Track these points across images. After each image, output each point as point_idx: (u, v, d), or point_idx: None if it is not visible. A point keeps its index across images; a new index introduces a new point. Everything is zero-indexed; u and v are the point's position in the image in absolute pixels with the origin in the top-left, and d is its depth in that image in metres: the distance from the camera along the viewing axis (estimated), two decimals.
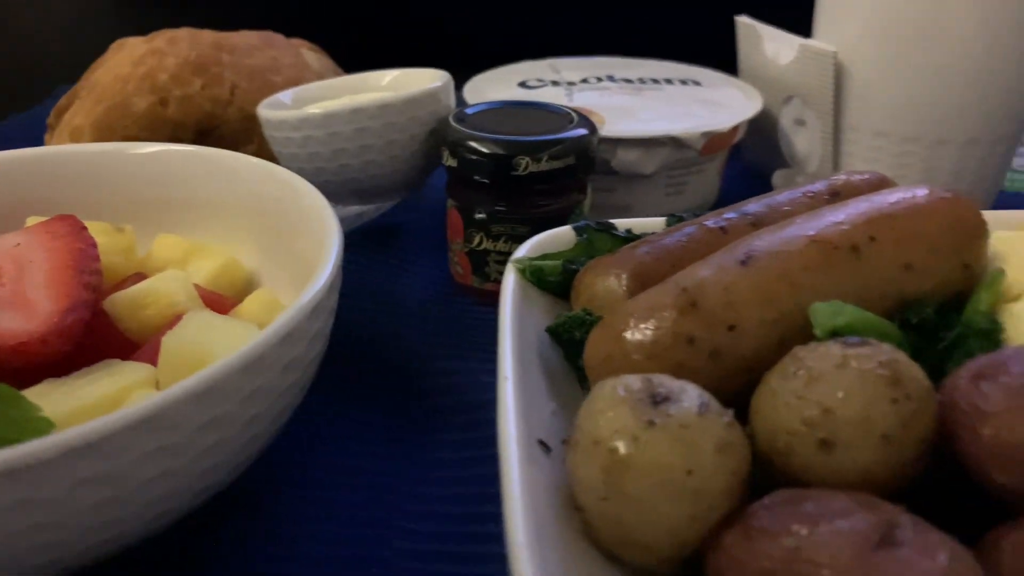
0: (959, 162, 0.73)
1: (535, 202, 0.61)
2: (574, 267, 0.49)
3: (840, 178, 0.49)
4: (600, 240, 0.52)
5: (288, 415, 0.44)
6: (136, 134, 0.66)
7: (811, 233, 0.41)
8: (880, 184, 0.49)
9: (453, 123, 0.62)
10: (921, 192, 0.43)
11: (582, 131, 0.61)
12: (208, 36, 0.71)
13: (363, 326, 0.63)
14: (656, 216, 0.55)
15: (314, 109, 0.63)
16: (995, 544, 0.31)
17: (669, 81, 0.83)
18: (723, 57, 0.91)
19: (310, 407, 0.52)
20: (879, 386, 0.33)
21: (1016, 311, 0.41)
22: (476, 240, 0.62)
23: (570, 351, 0.46)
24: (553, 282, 0.49)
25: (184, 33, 0.70)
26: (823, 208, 0.44)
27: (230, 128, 0.69)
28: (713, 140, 0.72)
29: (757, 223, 0.47)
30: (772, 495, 0.33)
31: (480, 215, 0.61)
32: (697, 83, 0.83)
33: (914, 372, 0.34)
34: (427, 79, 0.68)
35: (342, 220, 0.68)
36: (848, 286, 0.40)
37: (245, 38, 0.73)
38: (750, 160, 0.91)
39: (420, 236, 0.75)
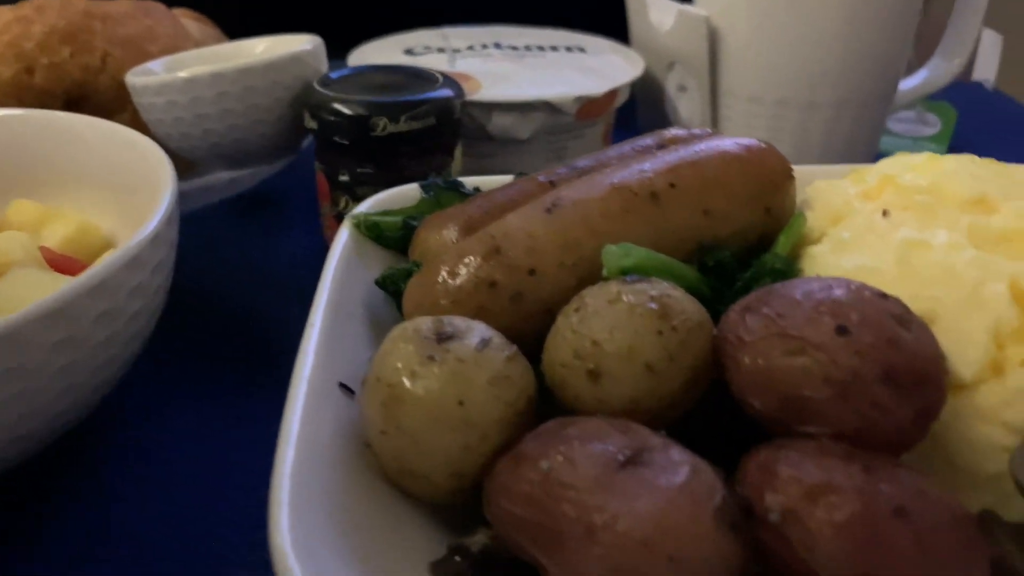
0: (830, 124, 0.75)
1: (399, 164, 0.62)
2: (414, 223, 0.50)
3: (669, 132, 0.51)
4: (448, 198, 0.53)
5: (115, 369, 0.44)
6: (1, 102, 0.65)
7: (614, 181, 0.43)
8: (708, 139, 0.50)
9: (316, 86, 0.63)
10: (727, 142, 0.45)
11: (444, 93, 0.62)
12: (80, 4, 0.70)
13: (230, 291, 0.63)
14: None
15: (182, 74, 0.63)
16: (745, 463, 0.33)
17: (554, 48, 0.84)
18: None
19: (163, 371, 0.53)
20: (646, 319, 0.35)
21: (815, 252, 0.43)
22: (342, 203, 0.63)
23: (399, 302, 0.47)
24: (394, 238, 0.50)
25: (55, 1, 0.70)
26: (637, 158, 0.45)
27: (102, 97, 0.69)
28: (587, 105, 0.73)
29: (584, 176, 0.48)
30: (544, 424, 0.34)
31: (344, 178, 0.62)
32: (582, 50, 0.84)
33: (685, 306, 0.36)
34: (299, 45, 0.68)
35: (213, 187, 0.69)
36: (647, 231, 0.42)
37: (119, 6, 0.72)
38: (643, 126, 0.93)
39: (298, 202, 0.75)
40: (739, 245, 0.43)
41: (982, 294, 0.36)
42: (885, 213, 0.41)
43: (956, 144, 0.90)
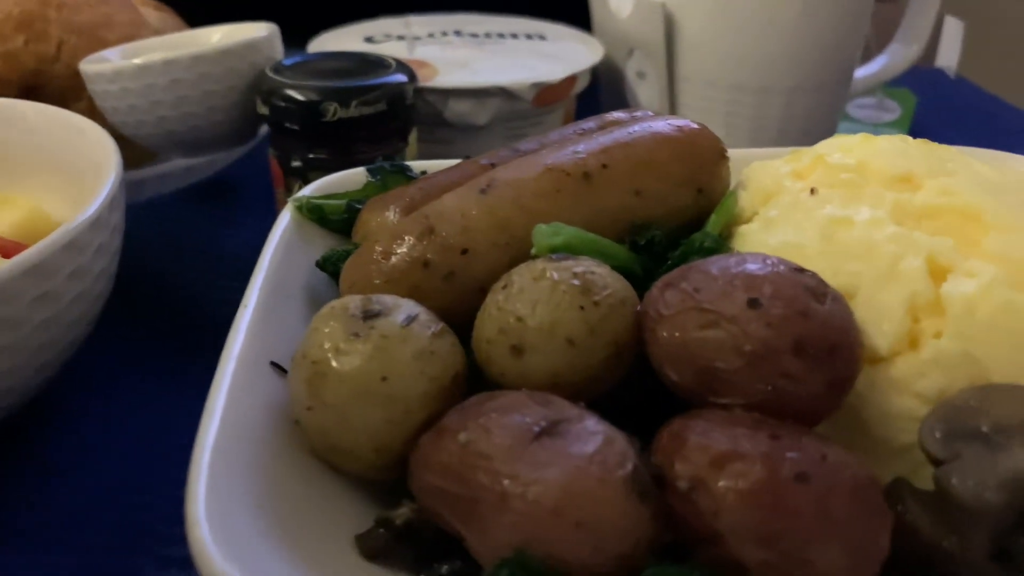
0: (786, 109, 0.76)
1: (352, 149, 0.62)
2: (359, 206, 0.51)
3: (611, 115, 0.51)
4: (394, 181, 0.54)
5: (58, 352, 0.45)
6: None
7: (548, 162, 0.43)
8: (644, 120, 0.51)
9: (268, 73, 0.63)
10: (660, 123, 0.45)
11: (396, 78, 0.63)
12: None
13: (185, 277, 0.64)
14: None
15: (135, 61, 0.63)
16: (659, 434, 0.33)
17: (514, 36, 0.84)
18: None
19: (115, 354, 0.53)
20: (568, 295, 0.35)
21: (745, 231, 0.43)
22: (296, 189, 0.63)
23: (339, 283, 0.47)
24: (338, 221, 0.51)
25: None
26: (574, 140, 0.46)
27: (58, 85, 0.69)
28: (544, 91, 0.73)
29: (523, 158, 0.49)
30: (470, 398, 0.35)
31: (296, 163, 0.62)
32: (542, 37, 0.84)
33: (608, 282, 0.36)
34: (254, 32, 0.68)
35: (171, 175, 0.69)
36: (579, 211, 0.42)
37: None
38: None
39: (256, 190, 0.75)
40: (672, 224, 0.44)
41: (900, 269, 0.37)
42: (812, 191, 0.42)
43: (916, 130, 0.91)
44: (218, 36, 0.73)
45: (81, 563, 0.40)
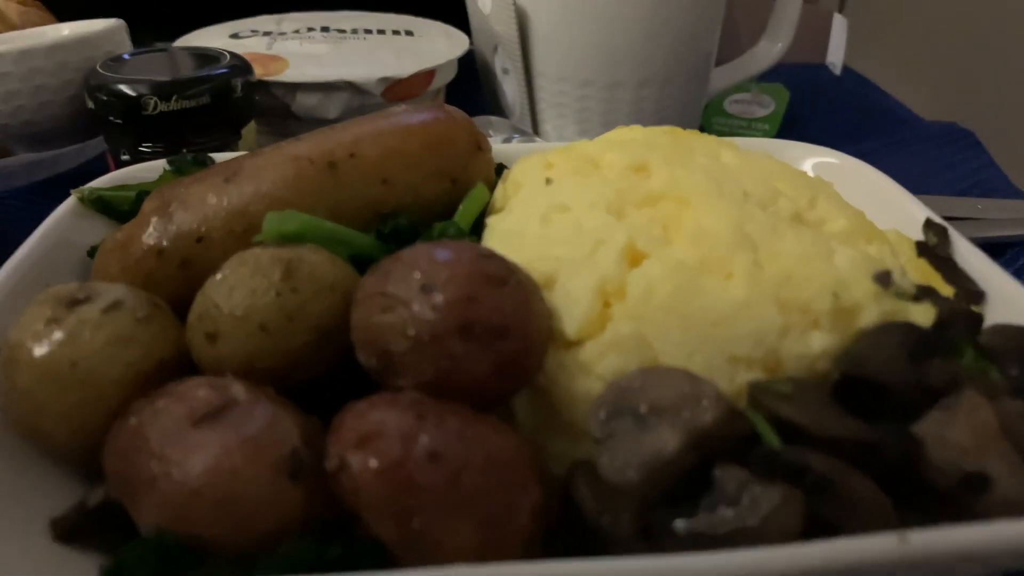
0: (636, 104, 0.77)
1: (181, 142, 0.63)
2: None
3: (392, 109, 0.52)
4: (194, 172, 0.54)
5: None
6: None
7: (298, 151, 0.44)
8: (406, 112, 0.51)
9: (97, 68, 0.63)
10: (415, 114, 0.46)
11: (221, 72, 0.63)
12: None
13: None
14: None
15: None
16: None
17: (381, 32, 0.85)
18: None
19: None
20: (266, 281, 0.36)
21: (492, 222, 0.44)
22: None
23: None
24: (127, 212, 0.51)
25: None
26: (336, 130, 0.46)
27: None
28: (394, 86, 0.74)
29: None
30: (165, 386, 0.36)
31: (125, 156, 0.63)
32: (410, 33, 0.85)
33: (316, 269, 0.37)
34: (93, 27, 0.69)
35: (12, 171, 0.69)
36: (323, 199, 0.43)
37: None
38: (489, 110, 0.94)
39: None
40: (426, 214, 0.45)
41: (597, 255, 0.37)
42: (548, 181, 0.43)
43: (789, 123, 0.92)
44: (67, 32, 0.73)
45: None
